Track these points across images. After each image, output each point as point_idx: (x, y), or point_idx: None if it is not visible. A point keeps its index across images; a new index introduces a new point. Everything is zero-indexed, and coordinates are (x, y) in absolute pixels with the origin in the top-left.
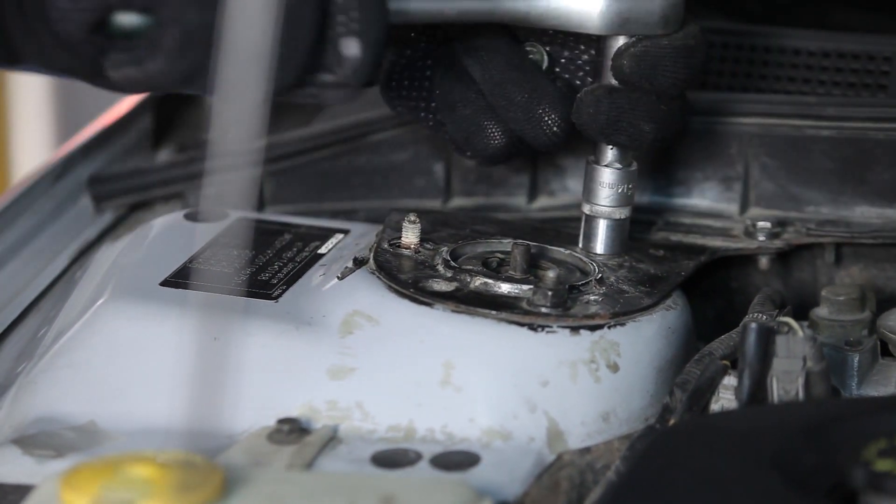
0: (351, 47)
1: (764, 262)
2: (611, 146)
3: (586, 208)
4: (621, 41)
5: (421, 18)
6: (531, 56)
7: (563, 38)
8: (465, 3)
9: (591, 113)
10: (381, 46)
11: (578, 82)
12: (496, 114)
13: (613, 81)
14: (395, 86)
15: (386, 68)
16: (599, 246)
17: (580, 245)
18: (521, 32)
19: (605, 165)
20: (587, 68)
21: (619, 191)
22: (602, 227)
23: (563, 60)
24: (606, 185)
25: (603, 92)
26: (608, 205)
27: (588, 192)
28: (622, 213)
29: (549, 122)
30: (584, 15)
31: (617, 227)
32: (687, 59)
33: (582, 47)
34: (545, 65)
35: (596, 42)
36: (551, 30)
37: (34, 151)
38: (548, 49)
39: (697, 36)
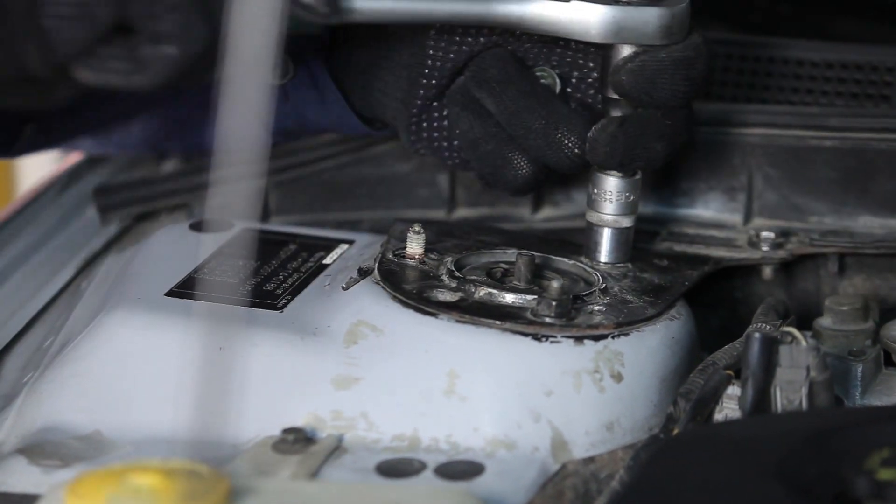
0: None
1: (767, 272)
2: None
3: (591, 217)
4: (625, 51)
5: (411, 18)
6: (543, 81)
7: (572, 57)
8: (457, 4)
9: (608, 151)
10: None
11: (590, 100)
12: (518, 144)
13: (613, 95)
14: (414, 129)
15: (404, 114)
16: (604, 254)
17: (584, 254)
18: (530, 58)
19: (610, 174)
20: (597, 86)
21: (624, 199)
22: (606, 236)
23: (573, 80)
24: (611, 194)
25: (613, 126)
26: (612, 213)
27: (592, 200)
28: (626, 222)
29: (570, 144)
30: (579, 22)
31: (621, 235)
32: (686, 71)
33: (591, 65)
34: (557, 88)
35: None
36: (551, 38)
37: (39, 162)
38: (558, 72)
39: (699, 47)
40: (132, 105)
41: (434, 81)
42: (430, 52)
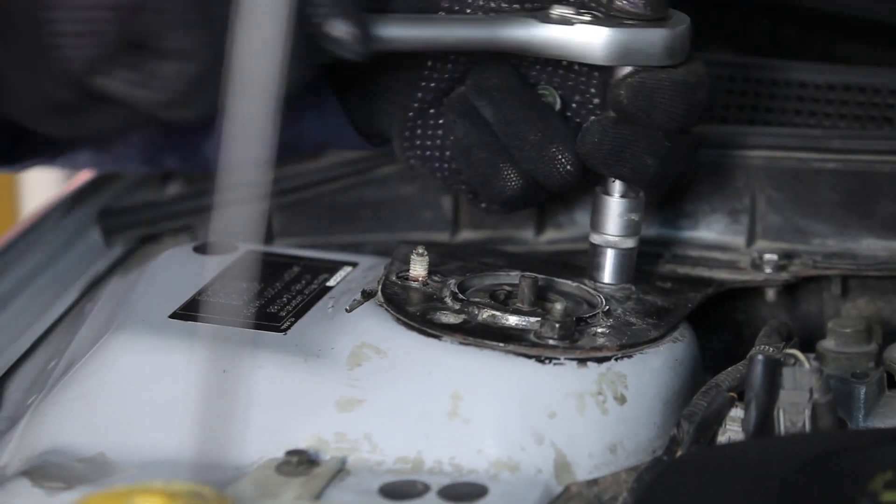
0: (337, 28)
1: (771, 294)
2: (618, 178)
3: (594, 238)
4: (626, 71)
5: (418, 45)
6: (544, 99)
7: (574, 80)
8: (464, 30)
9: (595, 142)
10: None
11: None
12: (511, 155)
13: (612, 113)
14: (408, 135)
15: (399, 117)
16: (607, 275)
17: (587, 275)
18: (532, 76)
19: (613, 195)
20: (598, 112)
21: (627, 220)
22: (610, 257)
23: (574, 105)
24: (614, 215)
25: (609, 122)
26: (616, 234)
27: (596, 221)
28: (630, 243)
29: (563, 160)
30: (586, 45)
31: (624, 256)
32: (686, 94)
33: (593, 90)
34: (558, 107)
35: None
36: (557, 60)
37: (44, 184)
38: (560, 93)
39: (701, 75)
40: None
41: (433, 85)
42: (430, 58)
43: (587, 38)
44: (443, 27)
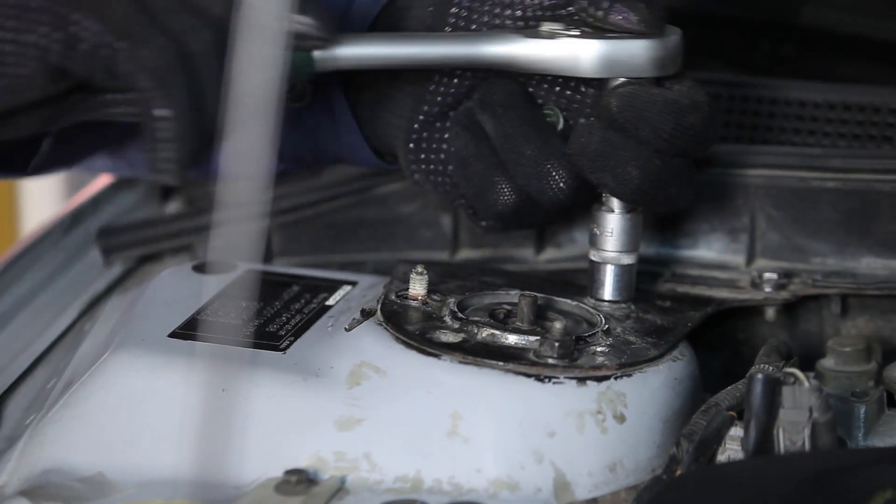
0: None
1: (770, 313)
2: (602, 187)
3: (593, 255)
4: (618, 82)
5: (401, 63)
6: (548, 118)
7: (580, 102)
8: (445, 48)
9: (581, 142)
10: None
11: None
12: (506, 170)
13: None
14: (413, 147)
15: (405, 128)
16: (606, 292)
17: (587, 292)
18: (540, 94)
19: (612, 212)
20: None
21: (625, 237)
22: (609, 273)
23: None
24: (613, 232)
25: (598, 126)
26: (615, 251)
27: (594, 238)
28: (628, 259)
29: (557, 177)
30: (571, 59)
31: (624, 273)
32: (675, 114)
33: None
34: (560, 126)
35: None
36: (566, 80)
37: (44, 203)
38: (565, 113)
39: (697, 99)
40: None
41: (439, 99)
42: (437, 73)
43: (571, 52)
44: (425, 44)
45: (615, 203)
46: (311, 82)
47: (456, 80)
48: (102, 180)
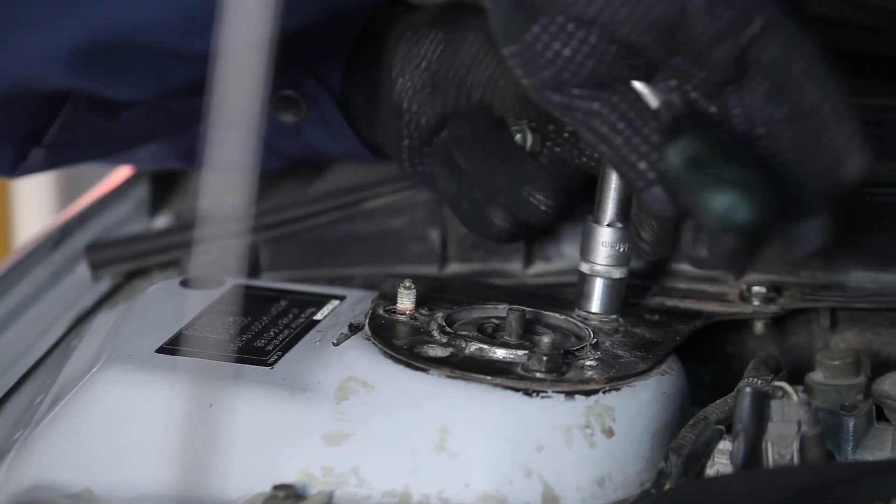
0: None
1: (759, 326)
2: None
3: (584, 267)
4: None
5: None
6: (517, 135)
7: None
8: None
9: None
10: None
11: (566, 155)
12: (492, 200)
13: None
14: (409, 170)
15: (396, 153)
16: (595, 305)
17: (576, 305)
18: (509, 116)
19: (604, 224)
20: (573, 140)
21: (617, 250)
22: (599, 287)
23: (551, 133)
24: (604, 244)
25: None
26: (605, 264)
27: (586, 250)
28: (619, 273)
29: (535, 202)
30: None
31: (613, 286)
32: None
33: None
34: (529, 143)
35: None
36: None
37: (36, 218)
38: (533, 125)
39: None
40: (158, 122)
41: (415, 133)
42: (406, 108)
43: None
44: None
45: (609, 216)
46: (304, 97)
47: (425, 117)
48: (91, 195)
